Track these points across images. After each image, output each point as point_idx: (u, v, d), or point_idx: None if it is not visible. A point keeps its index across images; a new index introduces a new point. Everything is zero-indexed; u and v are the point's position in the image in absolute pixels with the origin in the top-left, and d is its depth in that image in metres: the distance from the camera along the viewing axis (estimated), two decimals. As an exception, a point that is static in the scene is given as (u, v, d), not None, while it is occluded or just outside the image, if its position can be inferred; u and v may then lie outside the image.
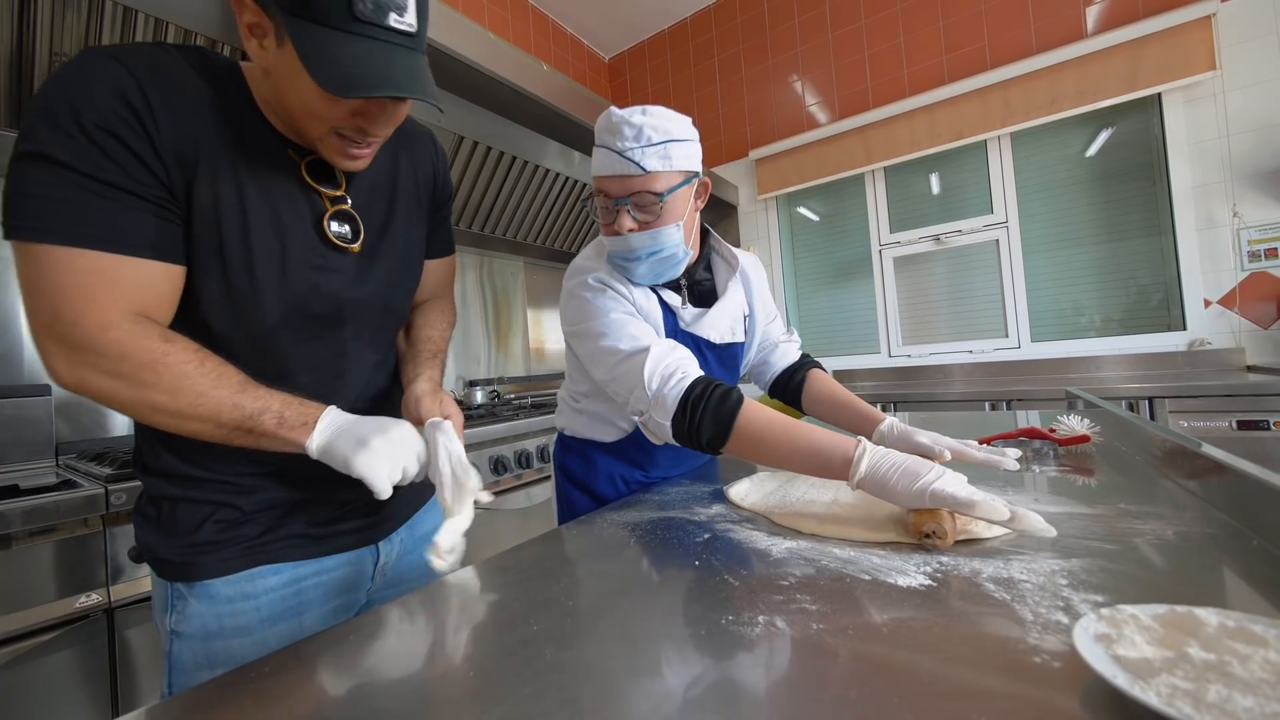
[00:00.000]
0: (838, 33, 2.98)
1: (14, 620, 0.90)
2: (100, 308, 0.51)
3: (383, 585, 0.77)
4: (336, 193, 0.65)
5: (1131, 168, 2.35)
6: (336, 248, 0.64)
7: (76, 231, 0.50)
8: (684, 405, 0.74)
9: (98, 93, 0.50)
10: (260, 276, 0.59)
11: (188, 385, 0.53)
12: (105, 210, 0.51)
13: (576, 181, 2.58)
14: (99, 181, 0.51)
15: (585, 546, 0.65)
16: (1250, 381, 1.79)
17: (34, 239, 0.50)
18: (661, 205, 0.79)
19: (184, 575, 0.62)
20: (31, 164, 0.50)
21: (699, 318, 0.91)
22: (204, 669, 0.62)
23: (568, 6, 3.27)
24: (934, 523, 0.56)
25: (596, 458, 0.99)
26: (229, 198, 0.57)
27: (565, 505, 1.03)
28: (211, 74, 0.58)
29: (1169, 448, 0.81)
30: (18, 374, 1.38)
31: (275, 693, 0.40)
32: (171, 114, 0.53)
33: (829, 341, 3.14)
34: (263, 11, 0.52)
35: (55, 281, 0.50)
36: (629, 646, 0.41)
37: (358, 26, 0.51)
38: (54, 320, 0.51)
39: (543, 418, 1.92)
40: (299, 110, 0.57)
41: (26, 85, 1.25)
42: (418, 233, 0.77)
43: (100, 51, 0.52)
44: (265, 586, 0.65)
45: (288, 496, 0.65)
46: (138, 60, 0.53)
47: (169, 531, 0.62)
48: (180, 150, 0.54)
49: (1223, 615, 0.34)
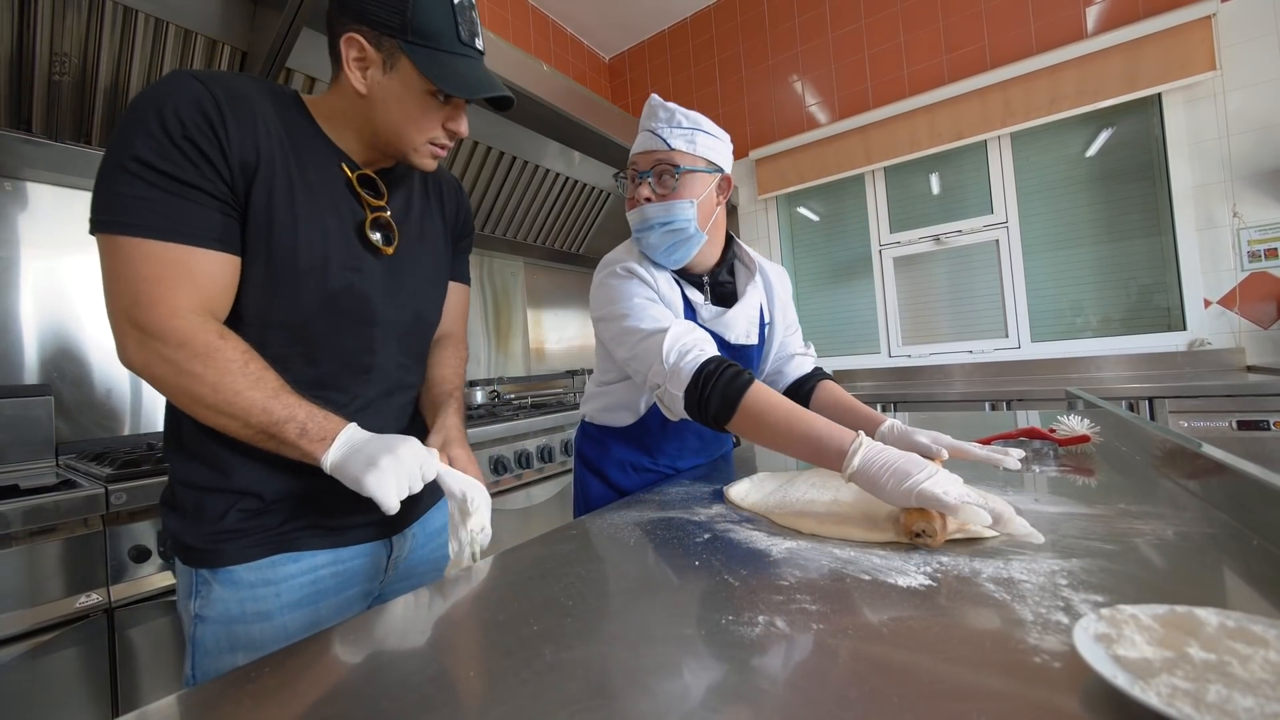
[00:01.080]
0: (838, 33, 2.98)
1: (14, 620, 0.90)
2: (173, 295, 0.58)
3: (396, 578, 0.81)
4: (379, 202, 0.74)
5: (1131, 168, 2.35)
6: (372, 251, 0.73)
7: (161, 225, 0.58)
8: (696, 378, 0.78)
9: (182, 106, 0.59)
10: (303, 270, 0.66)
11: (228, 382, 0.59)
12: (183, 207, 0.59)
13: (576, 181, 2.58)
14: (179, 181, 0.59)
15: (585, 546, 0.65)
16: (1250, 381, 1.79)
17: (125, 233, 0.58)
18: (678, 180, 0.88)
19: (209, 561, 0.66)
20: (121, 167, 0.58)
21: (718, 316, 0.96)
22: (225, 652, 0.65)
23: (568, 6, 3.27)
24: (924, 522, 0.56)
25: (610, 444, 1.05)
26: (282, 199, 0.65)
27: (580, 489, 1.11)
28: (276, 97, 0.69)
29: (1169, 448, 0.81)
30: (18, 374, 1.38)
31: (274, 693, 0.40)
32: (239, 126, 0.62)
33: (829, 342, 3.14)
34: (370, 46, 0.66)
35: (138, 270, 0.58)
36: (629, 647, 0.41)
37: (461, 48, 0.68)
38: (133, 305, 0.58)
39: (543, 418, 1.92)
40: (402, 124, 0.70)
41: (26, 85, 1.25)
42: (444, 253, 0.87)
43: (185, 73, 0.62)
44: (285, 574, 0.68)
45: (307, 488, 0.69)
46: (215, 81, 0.62)
47: (196, 519, 0.66)
48: (244, 157, 0.62)
49: (1223, 615, 0.34)
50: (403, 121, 0.70)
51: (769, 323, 1.06)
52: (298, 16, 1.27)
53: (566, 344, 3.25)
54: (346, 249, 0.70)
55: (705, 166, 0.90)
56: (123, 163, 0.58)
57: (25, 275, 1.41)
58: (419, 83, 0.67)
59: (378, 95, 0.68)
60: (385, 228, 0.74)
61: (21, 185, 1.42)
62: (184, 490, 0.67)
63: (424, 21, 0.65)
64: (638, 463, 1.04)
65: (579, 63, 3.58)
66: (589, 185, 2.65)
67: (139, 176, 0.58)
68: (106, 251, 0.59)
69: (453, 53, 0.67)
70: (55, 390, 1.40)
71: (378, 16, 0.64)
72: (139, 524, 1.05)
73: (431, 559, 0.85)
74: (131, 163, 0.57)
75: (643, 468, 1.04)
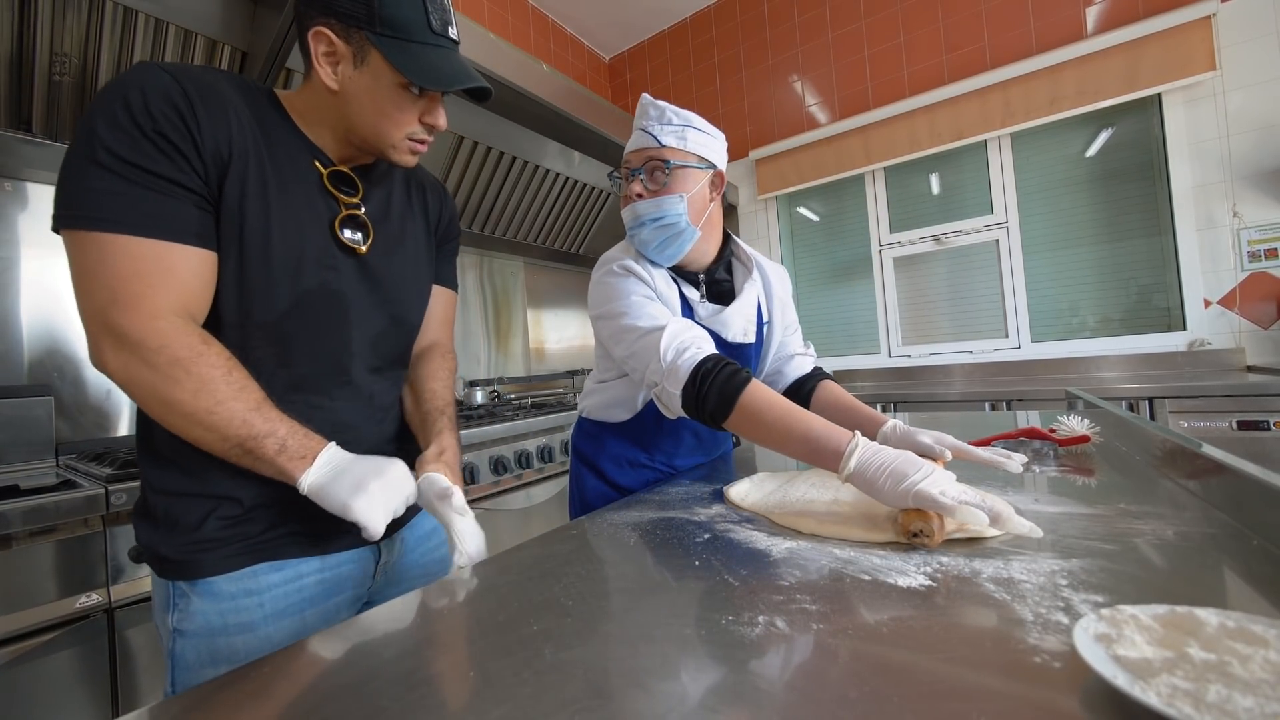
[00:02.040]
0: (838, 33, 2.98)
1: (14, 620, 0.90)
2: (154, 294, 0.56)
3: (384, 584, 0.79)
4: (353, 199, 0.72)
5: (1131, 168, 2.35)
6: (346, 250, 0.70)
7: (137, 221, 0.56)
8: (694, 376, 0.78)
9: (151, 98, 0.57)
10: (276, 267, 0.64)
11: (209, 389, 0.57)
12: (159, 202, 0.57)
13: (576, 181, 2.58)
14: (153, 175, 0.56)
15: (585, 547, 0.65)
16: (1250, 381, 1.79)
17: (97, 228, 0.55)
18: (668, 175, 0.89)
19: (186, 573, 0.63)
20: (92, 160, 0.55)
21: (715, 314, 0.96)
22: (207, 666, 0.63)
23: (568, 6, 3.27)
24: (921, 522, 0.56)
25: (606, 440, 1.05)
26: (254, 194, 0.63)
27: (575, 485, 1.10)
28: (248, 92, 0.66)
29: (1169, 448, 0.81)
30: (18, 374, 1.38)
31: (273, 693, 0.40)
32: (211, 119, 0.60)
33: (829, 342, 3.14)
34: (339, 40, 0.63)
35: (114, 268, 0.55)
36: (629, 647, 0.41)
37: (433, 38, 0.65)
38: (110, 304, 0.55)
39: (543, 418, 1.92)
40: (377, 120, 0.67)
41: (26, 85, 1.25)
42: (425, 255, 0.83)
43: (153, 64, 0.59)
44: (268, 583, 0.66)
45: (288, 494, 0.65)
46: (185, 74, 0.60)
47: (171, 529, 0.63)
48: (216, 150, 0.60)
49: (1223, 615, 0.34)
50: (377, 117, 0.67)
51: (768, 322, 1.05)
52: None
53: (566, 344, 3.25)
54: (321, 247, 0.68)
55: (696, 162, 0.91)
56: (93, 156, 0.55)
57: (25, 275, 1.41)
58: (390, 76, 0.64)
59: (350, 90, 0.66)
60: (360, 226, 0.71)
61: (21, 185, 1.42)
62: (157, 498, 0.65)
63: (393, 11, 0.62)
64: (633, 458, 1.04)
65: (579, 63, 3.58)
66: (589, 185, 2.65)
67: (111, 170, 0.55)
68: (78, 249, 0.55)
69: (424, 43, 0.64)
70: (55, 390, 1.41)
71: (344, 7, 0.62)
72: (139, 524, 1.05)
73: (421, 563, 0.83)
74: (103, 155, 0.55)
75: (638, 463, 1.04)
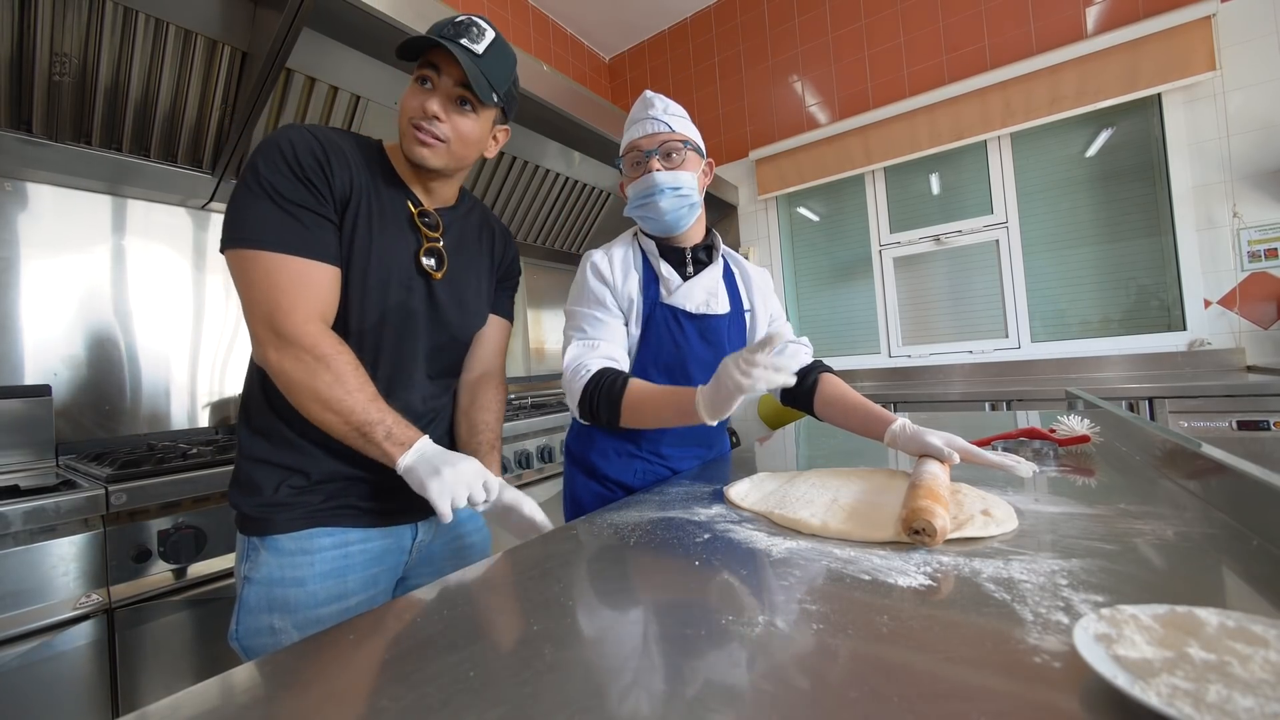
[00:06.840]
0: (838, 33, 2.98)
1: (14, 620, 0.90)
2: (305, 304, 0.71)
3: (418, 561, 0.90)
4: (434, 234, 0.86)
5: (1131, 168, 2.35)
6: (425, 275, 0.84)
7: (292, 243, 0.71)
8: (585, 392, 0.91)
9: (299, 149, 0.73)
10: (371, 286, 0.78)
11: (342, 382, 0.70)
12: (307, 229, 0.73)
13: (576, 181, 2.58)
14: (302, 208, 0.73)
15: (585, 546, 0.65)
16: (1250, 381, 1.79)
17: (262, 248, 0.70)
18: (684, 154, 0.99)
19: (259, 530, 0.76)
20: (256, 195, 0.71)
21: (678, 289, 1.03)
22: (264, 611, 0.74)
23: (568, 6, 3.28)
24: (923, 520, 0.56)
25: (596, 434, 1.07)
26: (363, 226, 0.78)
27: (567, 487, 1.12)
28: (364, 146, 0.83)
29: (1169, 448, 0.81)
30: (18, 374, 1.38)
31: (273, 693, 0.40)
32: (339, 167, 0.76)
33: (829, 342, 3.14)
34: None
35: (274, 281, 0.70)
36: (629, 646, 0.41)
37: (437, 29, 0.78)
38: (273, 311, 0.70)
39: (543, 418, 1.92)
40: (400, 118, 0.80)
41: (26, 85, 1.25)
42: (486, 286, 0.97)
43: (298, 126, 0.76)
44: (320, 545, 0.77)
45: (348, 474, 0.79)
46: (319, 131, 0.77)
47: (252, 492, 0.77)
48: (343, 190, 0.77)
49: (1223, 615, 0.34)
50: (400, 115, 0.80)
51: (749, 309, 1.11)
52: (298, 17, 1.27)
53: (566, 344, 3.24)
54: (405, 270, 0.81)
55: (697, 148, 1.02)
56: (261, 192, 0.70)
57: (25, 275, 1.41)
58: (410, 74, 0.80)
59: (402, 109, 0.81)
60: (437, 256, 0.85)
61: (21, 185, 1.42)
62: (245, 464, 0.78)
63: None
64: (621, 449, 1.05)
65: (579, 63, 3.58)
66: (589, 185, 2.65)
67: (274, 203, 0.70)
68: (245, 265, 0.70)
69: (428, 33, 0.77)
70: (55, 390, 1.41)
71: None
72: (139, 524, 1.05)
73: (451, 548, 0.93)
74: (268, 191, 0.70)
75: (627, 453, 1.05)
